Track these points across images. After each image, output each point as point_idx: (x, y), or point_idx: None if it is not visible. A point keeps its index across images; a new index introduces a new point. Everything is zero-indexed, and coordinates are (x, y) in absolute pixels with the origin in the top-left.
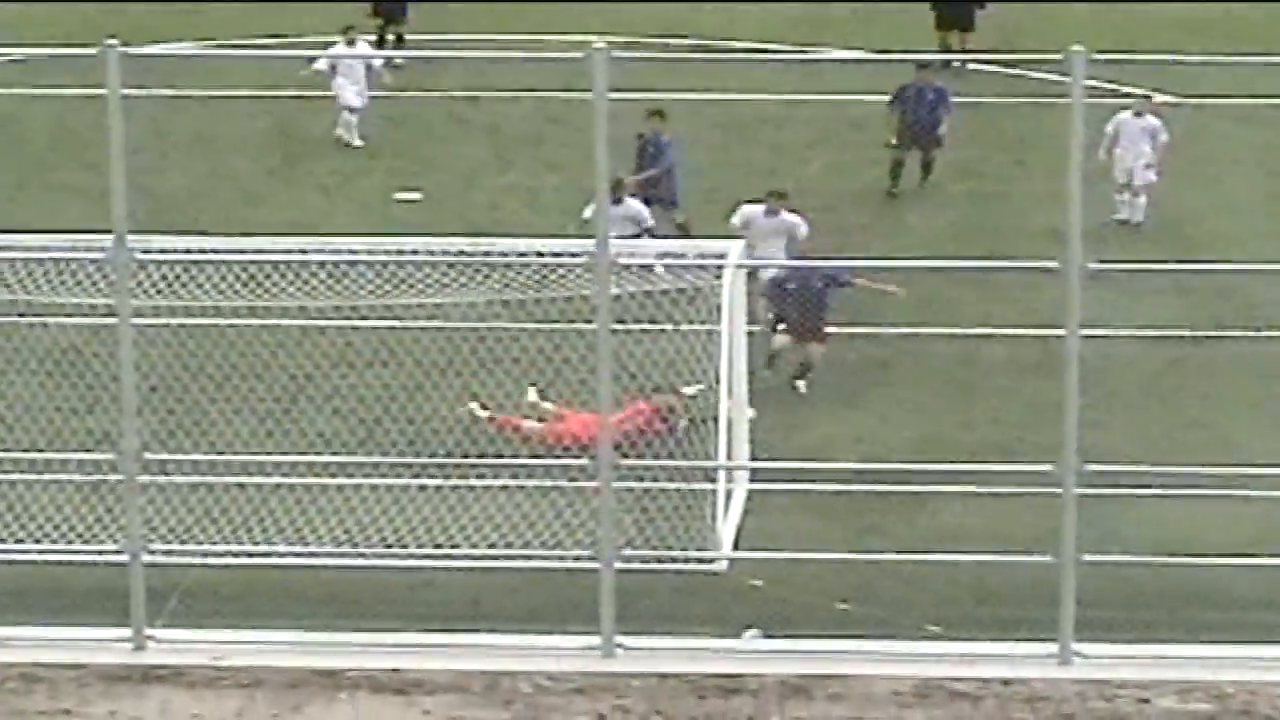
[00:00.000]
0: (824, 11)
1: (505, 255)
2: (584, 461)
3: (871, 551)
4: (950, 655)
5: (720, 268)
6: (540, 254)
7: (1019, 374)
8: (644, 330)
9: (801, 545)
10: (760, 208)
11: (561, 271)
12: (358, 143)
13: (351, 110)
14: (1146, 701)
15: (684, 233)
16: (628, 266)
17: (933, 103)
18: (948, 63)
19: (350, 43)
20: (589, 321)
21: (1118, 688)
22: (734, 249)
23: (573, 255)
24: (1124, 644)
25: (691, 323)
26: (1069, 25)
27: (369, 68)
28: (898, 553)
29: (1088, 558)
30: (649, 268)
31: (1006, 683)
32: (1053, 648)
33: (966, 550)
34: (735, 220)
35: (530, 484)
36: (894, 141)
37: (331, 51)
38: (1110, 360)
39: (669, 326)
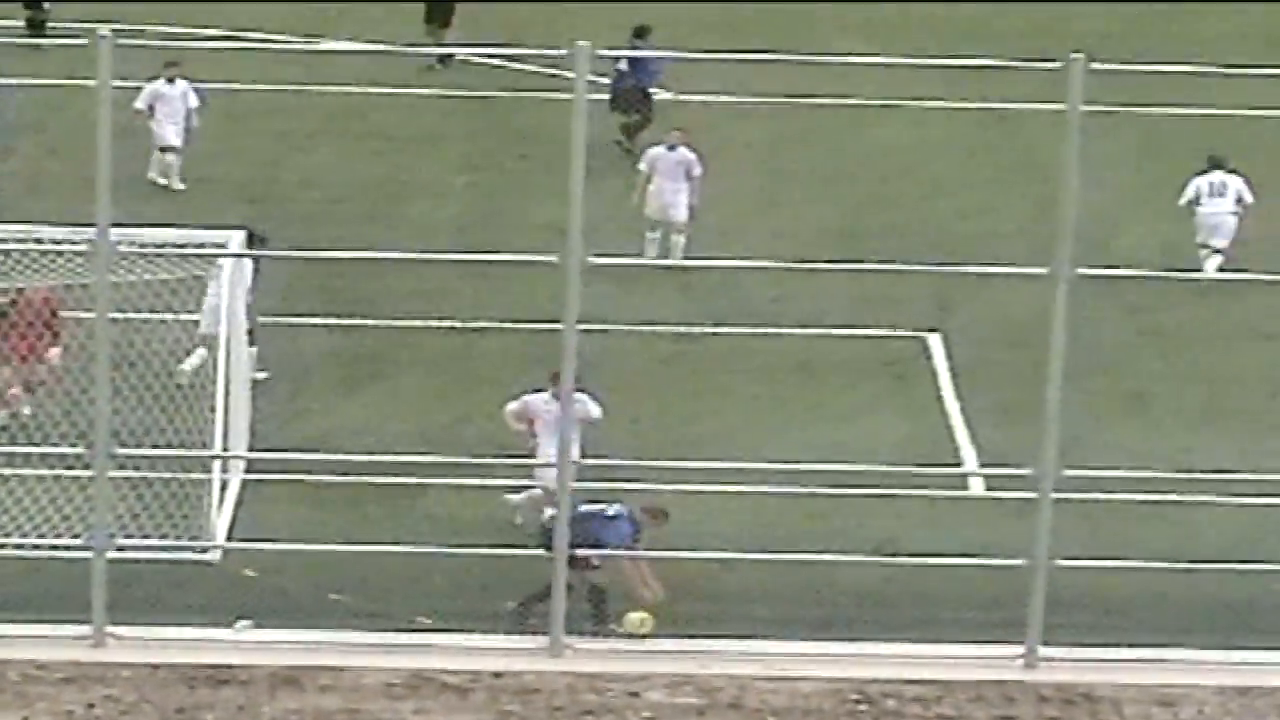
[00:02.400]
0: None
1: (4, 241)
2: (80, 450)
3: (366, 543)
4: (443, 647)
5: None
6: (40, 241)
7: (518, 367)
8: (144, 320)
9: (297, 536)
10: (663, 147)
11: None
12: (178, 185)
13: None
14: (636, 695)
15: None
16: (126, 256)
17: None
18: (443, 59)
19: (170, 80)
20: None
21: (609, 681)
22: (233, 239)
23: (72, 243)
24: (613, 639)
25: (191, 312)
26: (574, 21)
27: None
28: (392, 544)
29: (581, 553)
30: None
31: (498, 675)
32: (544, 640)
33: (464, 542)
34: (643, 165)
35: (25, 472)
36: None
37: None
38: (608, 354)
39: (169, 316)
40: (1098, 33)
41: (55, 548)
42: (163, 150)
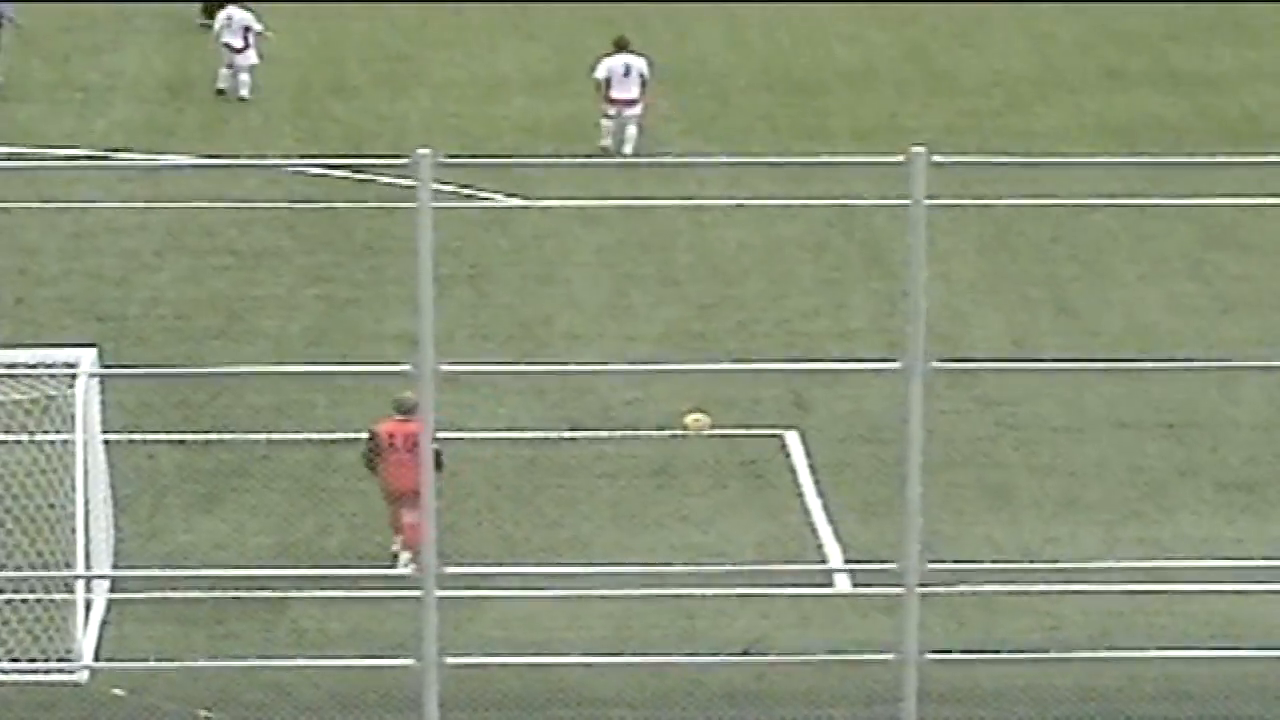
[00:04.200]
0: (170, 120)
1: None
2: None
3: (231, 658)
4: None
5: (73, 376)
6: None
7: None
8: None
9: (164, 653)
10: (615, 57)
11: None
12: None
13: None
14: None
15: None
16: None
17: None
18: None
19: None
20: None
21: None
22: (85, 358)
23: None
24: None
25: (45, 432)
26: (415, 128)
27: None
28: (258, 658)
29: (450, 660)
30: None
31: None
32: None
33: (328, 655)
34: (599, 73)
35: None
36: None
37: None
38: (467, 462)
39: (23, 437)
40: (935, 127)
41: None
42: None
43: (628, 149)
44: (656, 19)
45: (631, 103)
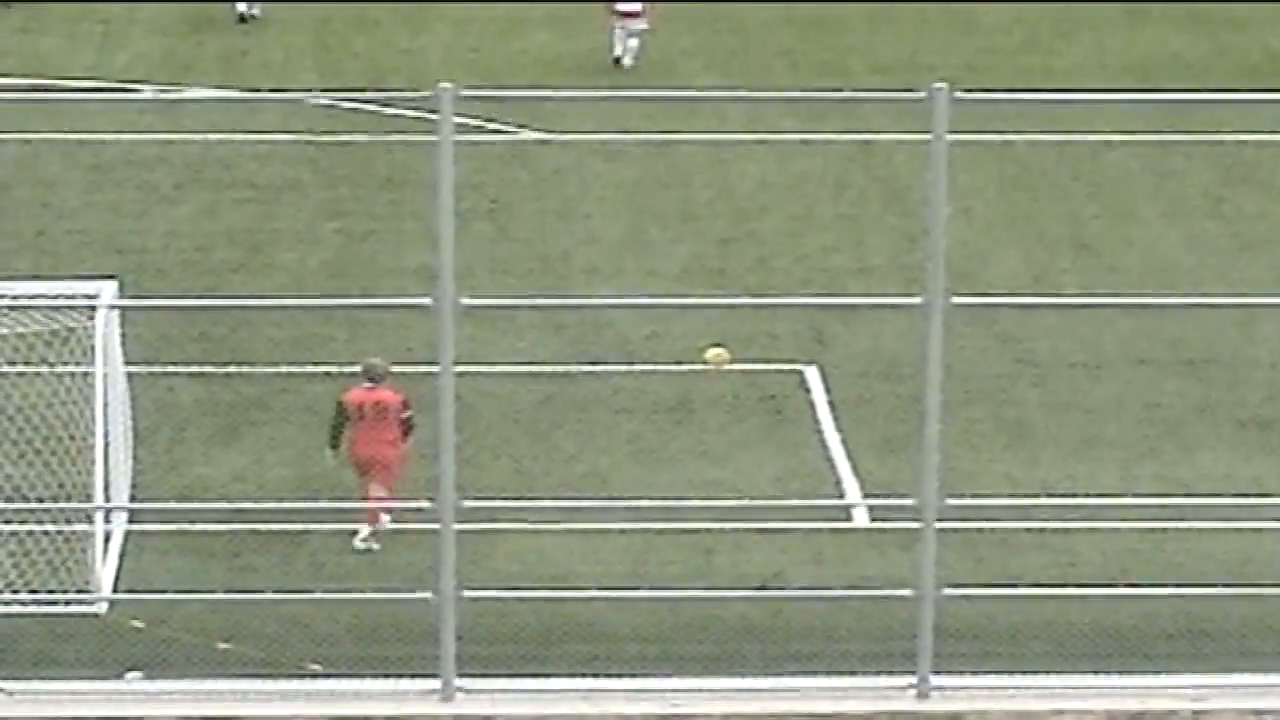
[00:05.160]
0: (190, 52)
1: None
2: None
3: (251, 591)
4: (333, 692)
5: (93, 308)
6: None
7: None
8: (19, 373)
9: (182, 586)
10: None
11: None
12: None
13: None
14: None
15: None
16: None
17: None
18: None
19: None
20: None
21: None
22: (105, 290)
23: None
24: (505, 678)
25: (66, 364)
26: (435, 63)
27: None
28: (276, 592)
29: (468, 594)
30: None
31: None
32: (435, 684)
33: (346, 588)
34: None
35: None
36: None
37: None
38: (485, 396)
39: (43, 369)
40: (956, 64)
41: None
42: None
43: (627, 60)
44: None
45: (635, 15)
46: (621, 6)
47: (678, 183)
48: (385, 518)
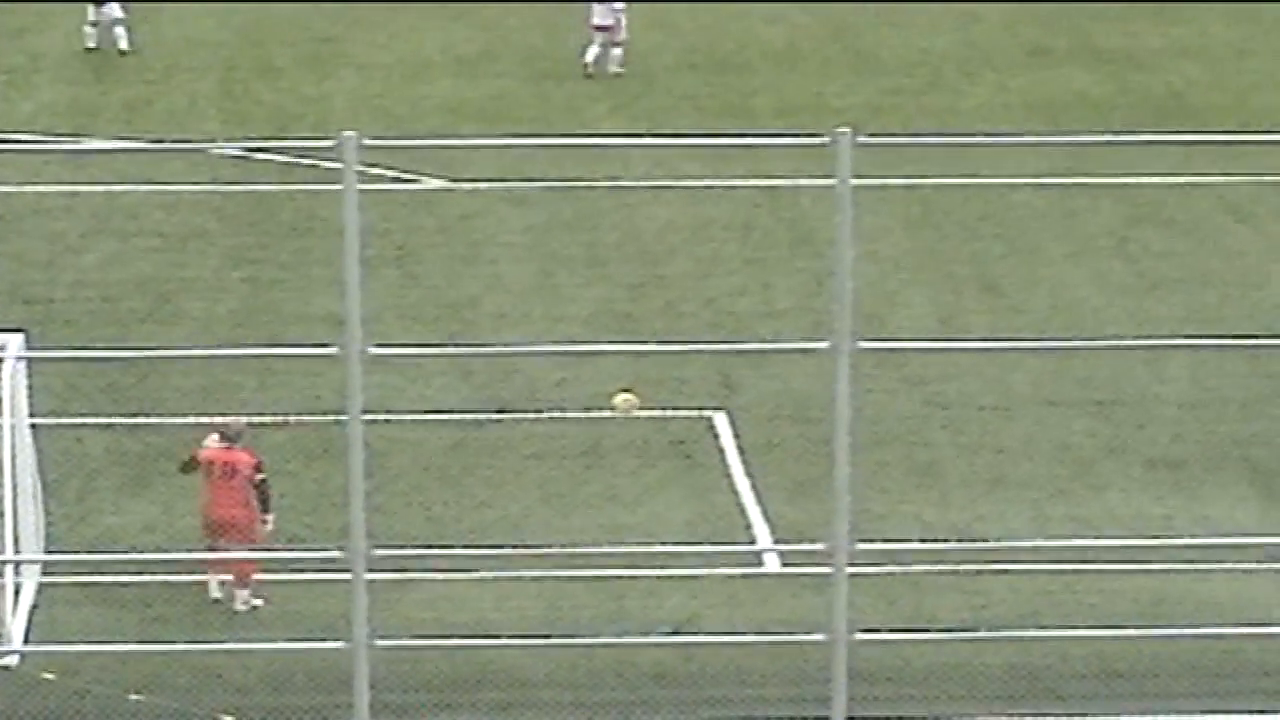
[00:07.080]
0: (94, 101)
1: None
2: None
3: (163, 641)
4: None
5: None
6: None
7: (305, 459)
8: None
9: (93, 637)
10: None
11: None
12: None
13: None
14: None
15: None
16: None
17: None
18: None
19: None
20: None
21: None
22: (11, 342)
23: None
24: None
25: None
26: (340, 109)
27: None
28: (189, 642)
29: (381, 642)
30: None
31: None
32: None
33: (258, 638)
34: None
35: None
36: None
37: None
38: (395, 443)
39: None
40: (860, 105)
41: None
42: None
43: (612, 68)
44: None
45: (606, 29)
46: (597, 21)
47: (585, 227)
48: (253, 577)
